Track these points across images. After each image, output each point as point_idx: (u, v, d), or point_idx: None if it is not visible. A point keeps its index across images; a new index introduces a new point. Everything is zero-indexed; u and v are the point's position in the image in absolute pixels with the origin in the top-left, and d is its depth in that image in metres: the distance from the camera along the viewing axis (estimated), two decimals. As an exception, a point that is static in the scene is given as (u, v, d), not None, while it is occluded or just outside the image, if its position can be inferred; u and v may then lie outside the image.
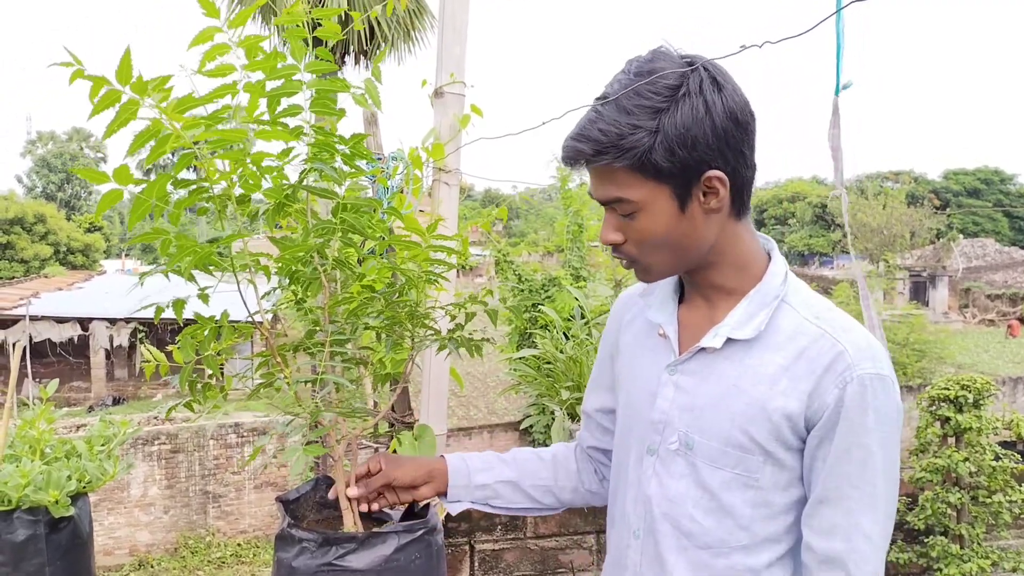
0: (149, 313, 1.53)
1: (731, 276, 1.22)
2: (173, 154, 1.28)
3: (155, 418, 13.03)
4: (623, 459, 1.35)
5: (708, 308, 1.25)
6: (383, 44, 11.73)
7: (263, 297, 1.62)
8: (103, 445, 1.98)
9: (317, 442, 1.81)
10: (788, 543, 1.20)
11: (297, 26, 1.21)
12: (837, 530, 1.13)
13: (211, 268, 1.43)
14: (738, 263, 1.22)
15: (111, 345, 19.37)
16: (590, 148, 1.13)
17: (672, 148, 1.10)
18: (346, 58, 11.83)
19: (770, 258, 1.25)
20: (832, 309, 1.21)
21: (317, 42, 1.30)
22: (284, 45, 1.35)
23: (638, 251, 1.18)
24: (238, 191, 1.39)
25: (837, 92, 1.62)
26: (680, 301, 1.31)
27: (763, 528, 1.19)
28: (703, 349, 1.22)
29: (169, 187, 1.26)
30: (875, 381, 1.11)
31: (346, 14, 11.48)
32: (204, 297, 1.45)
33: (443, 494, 1.51)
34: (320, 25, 1.25)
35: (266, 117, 1.28)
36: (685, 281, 1.28)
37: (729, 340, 1.19)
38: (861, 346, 1.14)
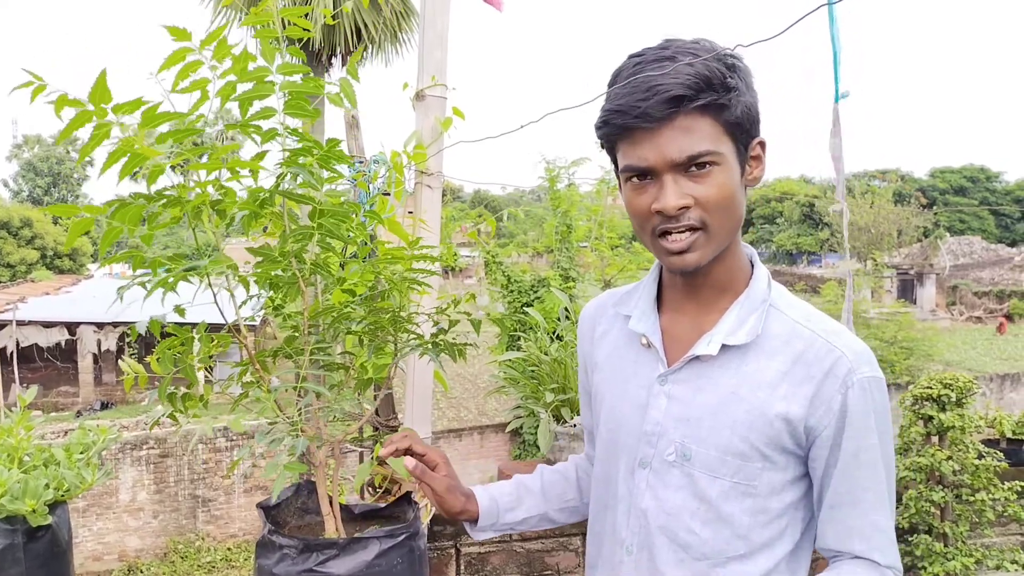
0: (133, 317, 1.53)
1: (729, 273, 1.22)
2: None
3: (144, 423, 12.96)
4: (610, 473, 1.31)
5: (695, 315, 1.24)
6: (370, 46, 11.70)
7: (242, 305, 1.62)
8: (82, 453, 1.97)
9: (302, 456, 1.80)
10: (783, 549, 1.20)
11: (268, 26, 1.20)
12: (854, 532, 1.17)
13: (188, 279, 1.42)
14: (737, 260, 1.23)
15: (99, 349, 19.25)
16: (697, 83, 1.08)
17: (746, 104, 1.13)
18: (333, 60, 11.80)
19: (752, 265, 1.26)
20: (816, 312, 1.23)
21: (302, 43, 1.30)
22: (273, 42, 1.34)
23: (708, 213, 1.12)
24: (214, 195, 1.39)
25: (836, 99, 1.61)
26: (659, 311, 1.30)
27: (760, 535, 1.18)
28: (697, 358, 1.20)
29: (141, 200, 1.26)
30: (873, 384, 1.15)
31: (333, 18, 11.44)
32: (180, 311, 1.44)
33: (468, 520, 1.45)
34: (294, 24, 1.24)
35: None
36: (683, 280, 1.24)
37: (723, 347, 1.18)
38: (857, 350, 1.16)
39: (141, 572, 11.50)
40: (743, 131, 1.14)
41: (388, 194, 2.53)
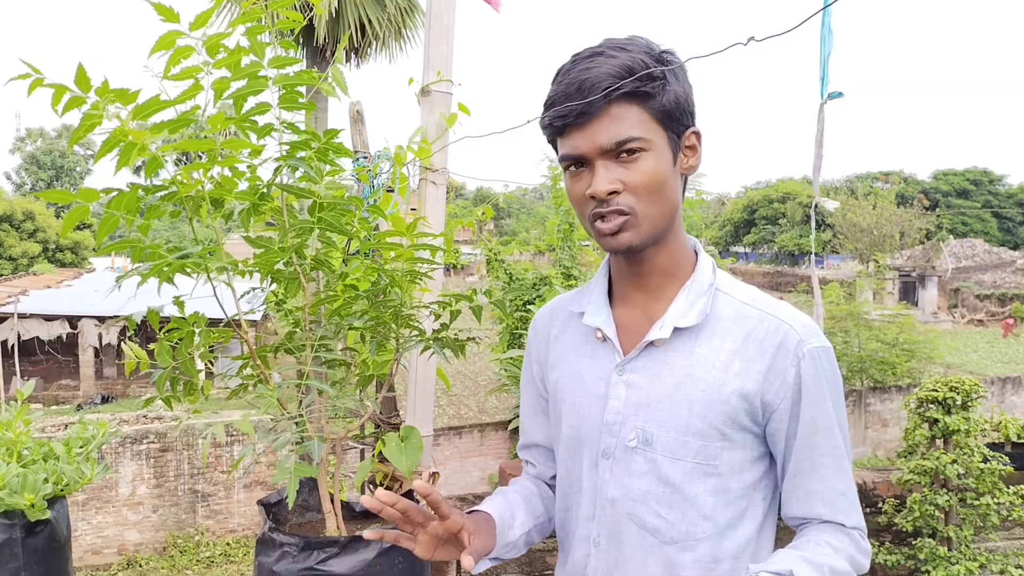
0: (133, 310, 1.51)
1: (674, 260, 1.26)
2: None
3: (144, 416, 12.95)
4: (573, 470, 1.34)
5: (644, 304, 1.28)
6: (374, 42, 11.69)
7: (241, 298, 1.60)
8: (81, 447, 1.95)
9: (304, 458, 1.78)
10: (748, 529, 1.24)
11: (259, 21, 1.18)
12: (816, 496, 1.22)
13: (188, 271, 1.40)
14: (680, 247, 1.27)
15: (100, 343, 19.25)
16: (620, 73, 1.14)
17: (676, 94, 1.18)
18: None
19: (696, 253, 1.30)
20: (761, 293, 1.28)
21: (302, 40, 1.28)
22: (268, 36, 1.32)
23: (636, 199, 1.17)
24: (209, 187, 1.37)
25: (823, 97, 1.61)
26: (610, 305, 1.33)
27: (723, 515, 1.21)
28: (651, 344, 1.24)
29: (140, 192, 1.24)
30: (822, 353, 1.20)
31: (337, 12, 11.43)
32: (179, 304, 1.42)
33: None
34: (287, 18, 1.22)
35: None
36: (629, 270, 1.29)
37: (676, 331, 1.22)
38: (804, 323, 1.21)
39: (140, 566, 11.50)
40: (673, 120, 1.19)
41: (391, 190, 2.51)
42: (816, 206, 1.92)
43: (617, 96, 1.15)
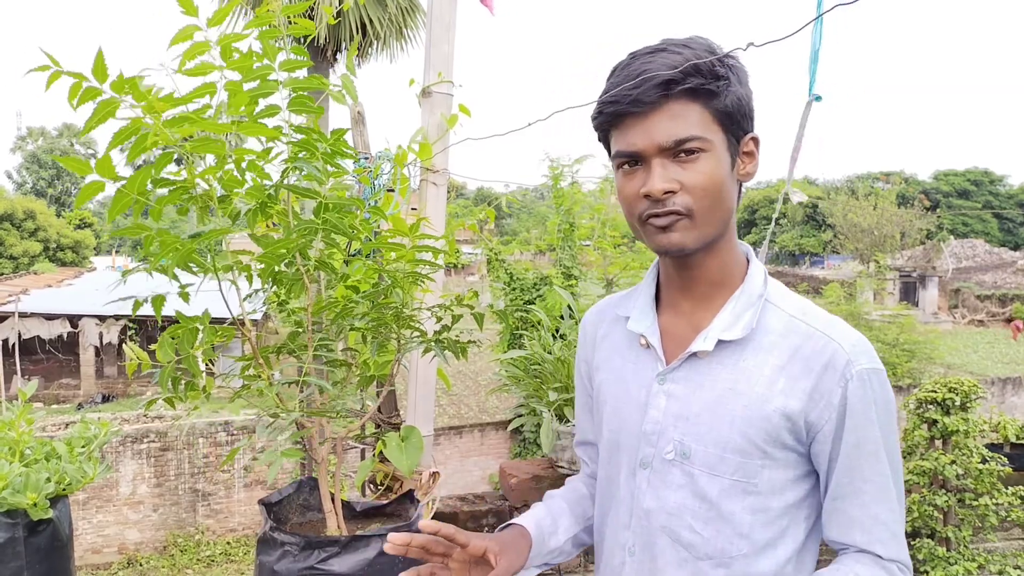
0: (134, 301, 1.52)
1: (724, 269, 1.22)
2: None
3: (144, 415, 12.96)
4: (612, 475, 1.31)
5: (691, 312, 1.23)
6: (375, 42, 11.69)
7: (245, 299, 1.61)
8: (84, 447, 1.96)
9: (299, 443, 1.79)
10: (788, 549, 1.19)
11: (272, 26, 1.19)
12: (855, 523, 1.16)
13: (194, 269, 1.41)
14: (732, 255, 1.22)
15: (101, 342, 19.26)
16: (685, 68, 1.10)
17: (739, 96, 1.14)
18: (338, 56, 11.79)
19: (748, 261, 1.25)
20: (813, 306, 1.22)
21: (307, 40, 1.29)
22: (276, 41, 1.33)
23: (693, 199, 1.12)
24: (219, 192, 1.38)
25: (811, 92, 1.63)
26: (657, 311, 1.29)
27: (762, 534, 1.17)
28: (694, 355, 1.20)
29: (149, 185, 1.25)
30: (873, 375, 1.14)
31: (339, 13, 11.43)
32: (185, 296, 1.43)
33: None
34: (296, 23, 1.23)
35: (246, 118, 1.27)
36: (678, 275, 1.24)
37: (720, 343, 1.18)
38: (854, 341, 1.15)
39: (140, 565, 11.51)
40: (734, 122, 1.15)
41: (392, 190, 2.52)
42: (786, 195, 1.95)
43: (678, 93, 1.10)
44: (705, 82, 1.10)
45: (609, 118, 1.16)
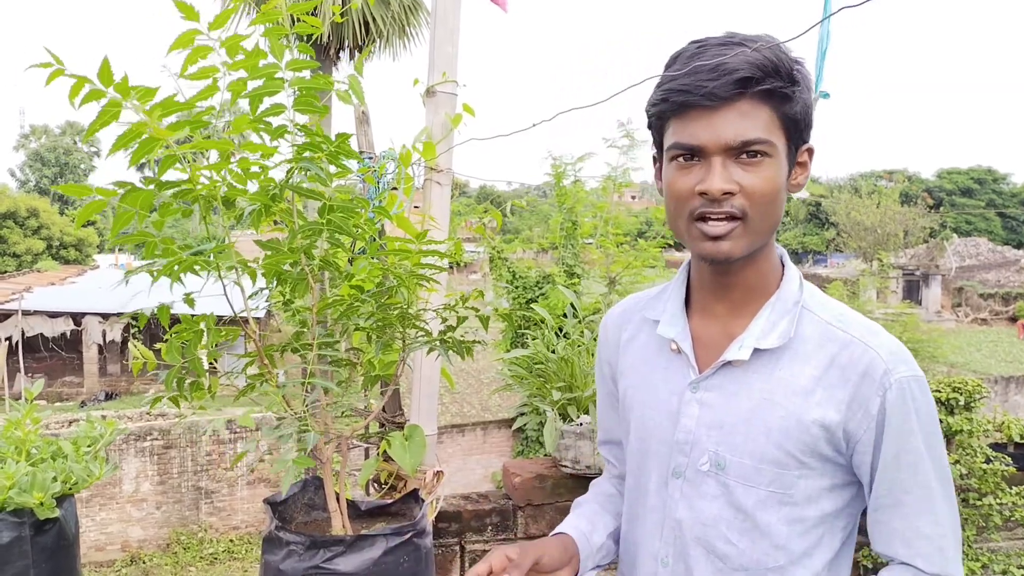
0: (138, 306, 1.52)
1: (762, 275, 1.18)
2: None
3: (147, 413, 12.98)
4: (642, 483, 1.28)
5: (725, 317, 1.20)
6: (378, 40, 11.69)
7: (250, 298, 1.61)
8: (89, 446, 1.96)
9: (308, 451, 1.79)
10: (821, 558, 1.16)
11: (278, 23, 1.19)
12: (896, 536, 1.13)
13: (198, 270, 1.42)
14: (769, 261, 1.19)
15: (104, 340, 19.29)
16: (766, 67, 1.06)
17: (805, 103, 1.11)
18: (340, 54, 11.80)
19: (783, 264, 1.22)
20: (851, 311, 1.19)
21: (311, 38, 1.28)
22: (282, 40, 1.33)
23: (750, 204, 1.08)
24: (223, 191, 1.38)
25: (818, 89, 1.63)
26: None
27: (798, 544, 1.15)
28: (729, 363, 1.16)
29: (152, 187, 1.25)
30: (913, 384, 1.11)
31: (342, 15, 11.44)
32: (190, 302, 1.43)
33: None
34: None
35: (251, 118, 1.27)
36: (713, 279, 1.20)
37: (756, 352, 1.14)
38: (893, 349, 1.12)
39: (143, 563, 11.53)
40: (797, 130, 1.12)
41: (396, 189, 2.52)
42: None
43: (753, 92, 1.07)
44: (783, 85, 1.08)
45: (674, 107, 1.11)
